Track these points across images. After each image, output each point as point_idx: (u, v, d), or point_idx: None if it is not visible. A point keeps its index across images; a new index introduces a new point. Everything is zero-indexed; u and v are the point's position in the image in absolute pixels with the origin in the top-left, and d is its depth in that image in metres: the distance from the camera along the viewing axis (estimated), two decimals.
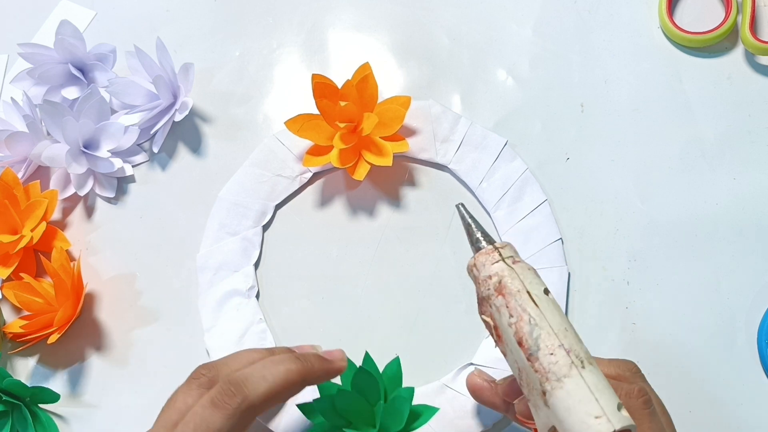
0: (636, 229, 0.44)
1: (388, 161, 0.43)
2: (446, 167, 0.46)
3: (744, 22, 0.45)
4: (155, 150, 0.48)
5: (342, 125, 0.43)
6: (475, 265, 0.31)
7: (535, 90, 0.47)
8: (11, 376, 0.41)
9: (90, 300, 0.45)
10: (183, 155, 0.48)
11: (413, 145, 0.45)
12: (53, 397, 0.41)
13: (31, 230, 0.44)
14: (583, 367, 0.27)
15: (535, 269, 0.31)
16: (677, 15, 0.48)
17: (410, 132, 0.46)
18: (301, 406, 0.39)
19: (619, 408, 0.27)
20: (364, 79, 0.43)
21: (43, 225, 0.44)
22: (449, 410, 0.40)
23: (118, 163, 0.47)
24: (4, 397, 0.40)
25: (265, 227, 0.46)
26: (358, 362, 0.39)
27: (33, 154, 0.45)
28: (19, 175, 0.46)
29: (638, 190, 0.44)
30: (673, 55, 0.47)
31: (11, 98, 0.47)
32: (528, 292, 0.29)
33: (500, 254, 0.31)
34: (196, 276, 0.44)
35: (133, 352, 0.44)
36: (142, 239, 0.46)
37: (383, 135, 0.44)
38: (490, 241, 0.32)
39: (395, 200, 0.45)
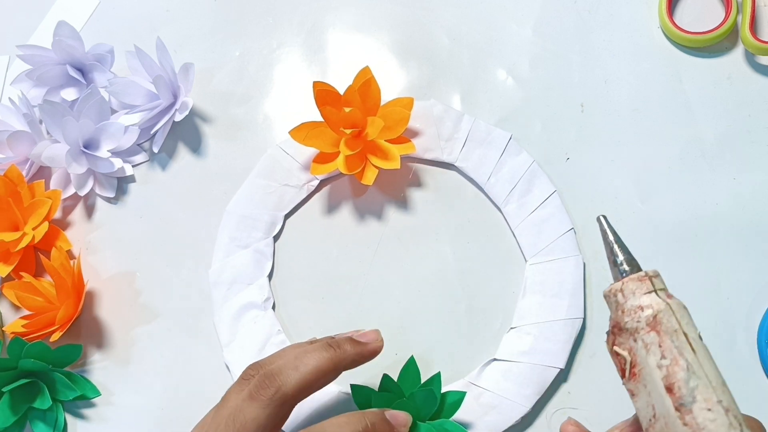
0: (636, 229, 0.44)
1: (395, 164, 0.43)
2: (453, 165, 0.45)
3: (744, 22, 0.45)
4: (155, 150, 0.48)
5: (347, 131, 0.43)
6: (622, 290, 0.28)
7: (535, 90, 0.47)
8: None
9: (90, 299, 0.45)
10: (183, 155, 0.48)
11: (418, 146, 0.45)
12: (76, 353, 0.42)
13: (33, 229, 0.44)
14: (741, 430, 0.25)
15: (687, 308, 0.28)
16: (677, 15, 0.48)
17: (414, 133, 0.46)
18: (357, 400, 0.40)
19: None
20: (366, 83, 0.43)
21: (46, 225, 0.44)
22: (476, 407, 0.40)
23: (118, 163, 0.47)
24: (28, 370, 0.41)
25: (276, 238, 0.45)
26: (382, 365, 0.40)
27: (33, 154, 0.45)
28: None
29: (638, 190, 0.44)
30: (673, 55, 0.47)
31: (9, 99, 0.47)
32: (685, 334, 0.26)
33: (653, 284, 0.28)
34: (210, 291, 0.44)
35: (134, 350, 0.44)
36: (142, 239, 0.46)
37: (388, 138, 0.44)
38: (637, 265, 0.29)
39: (403, 202, 0.45)
